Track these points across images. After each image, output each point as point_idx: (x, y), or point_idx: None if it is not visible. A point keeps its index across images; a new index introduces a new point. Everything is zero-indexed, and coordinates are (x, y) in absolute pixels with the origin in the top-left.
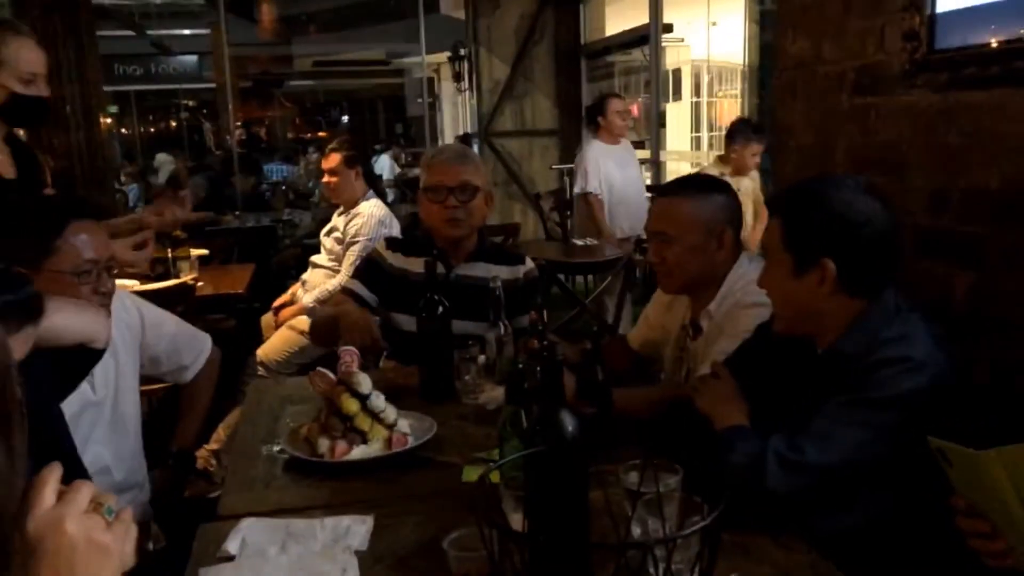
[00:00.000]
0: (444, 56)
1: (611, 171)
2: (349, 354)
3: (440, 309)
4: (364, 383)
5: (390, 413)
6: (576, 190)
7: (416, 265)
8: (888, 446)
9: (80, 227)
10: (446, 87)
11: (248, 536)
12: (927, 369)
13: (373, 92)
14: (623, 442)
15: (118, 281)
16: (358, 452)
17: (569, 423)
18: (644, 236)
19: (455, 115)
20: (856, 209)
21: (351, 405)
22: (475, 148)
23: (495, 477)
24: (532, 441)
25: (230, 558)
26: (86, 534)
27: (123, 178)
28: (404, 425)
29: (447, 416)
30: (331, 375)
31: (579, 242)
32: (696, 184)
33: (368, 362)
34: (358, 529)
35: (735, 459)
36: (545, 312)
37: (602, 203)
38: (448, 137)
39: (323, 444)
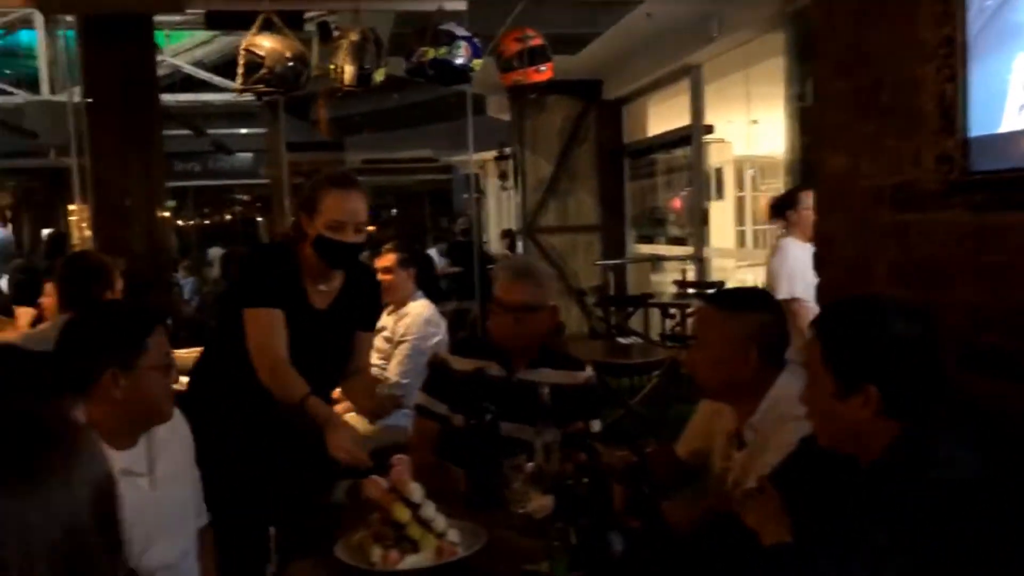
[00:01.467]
0: (488, 155)
1: (810, 273)
2: (400, 462)
3: (488, 416)
4: (416, 492)
5: (440, 522)
6: (780, 296)
7: (476, 365)
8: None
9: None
10: (491, 183)
11: None
12: (971, 487)
13: (419, 187)
14: (670, 557)
15: None
16: (409, 561)
17: (616, 543)
18: None
19: (499, 209)
20: (899, 334)
21: (403, 514)
22: (519, 244)
23: None
24: (579, 559)
25: None
26: None
27: (180, 271)
28: (454, 535)
29: (495, 525)
30: (383, 483)
31: (624, 341)
32: (732, 299)
33: None
34: None
35: None
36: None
37: (808, 311)
38: (492, 231)
39: (375, 553)
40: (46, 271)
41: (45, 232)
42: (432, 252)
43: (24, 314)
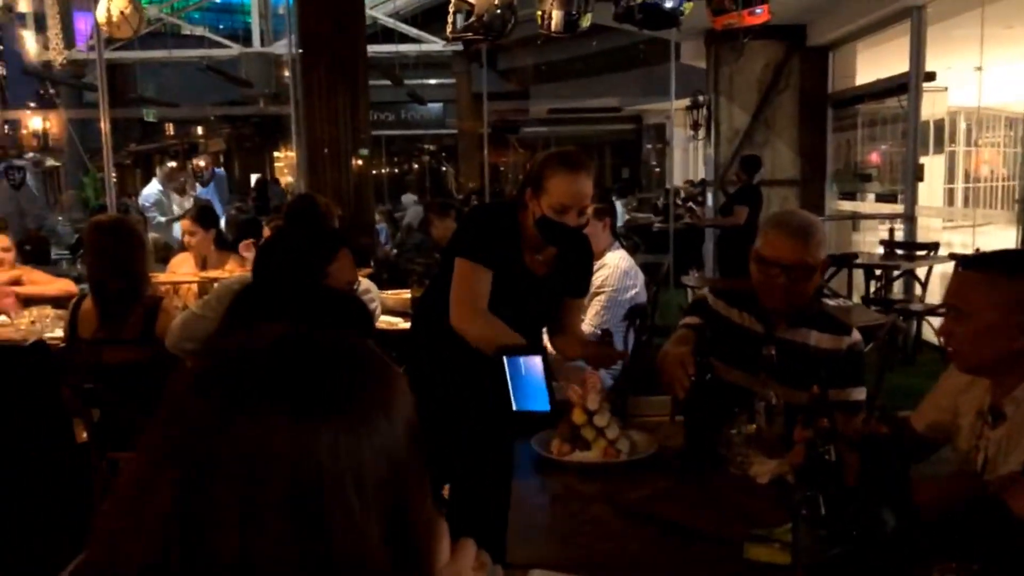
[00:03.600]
0: (678, 103)
1: None
2: (592, 376)
3: (708, 375)
4: (593, 401)
5: (613, 430)
6: None
7: (741, 319)
8: None
9: (344, 254)
10: (678, 134)
11: None
12: None
13: (601, 138)
14: (922, 541)
15: None
16: (577, 456)
17: (890, 520)
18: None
19: (685, 162)
20: None
21: (580, 417)
22: (709, 195)
23: (782, 559)
24: (840, 531)
25: None
26: None
27: (377, 217)
28: (623, 444)
29: (719, 485)
30: (578, 389)
31: (831, 302)
32: (1007, 261)
33: None
34: None
35: None
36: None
37: None
38: (678, 183)
39: (554, 444)
40: (260, 212)
41: (254, 177)
42: (618, 205)
43: (247, 250)
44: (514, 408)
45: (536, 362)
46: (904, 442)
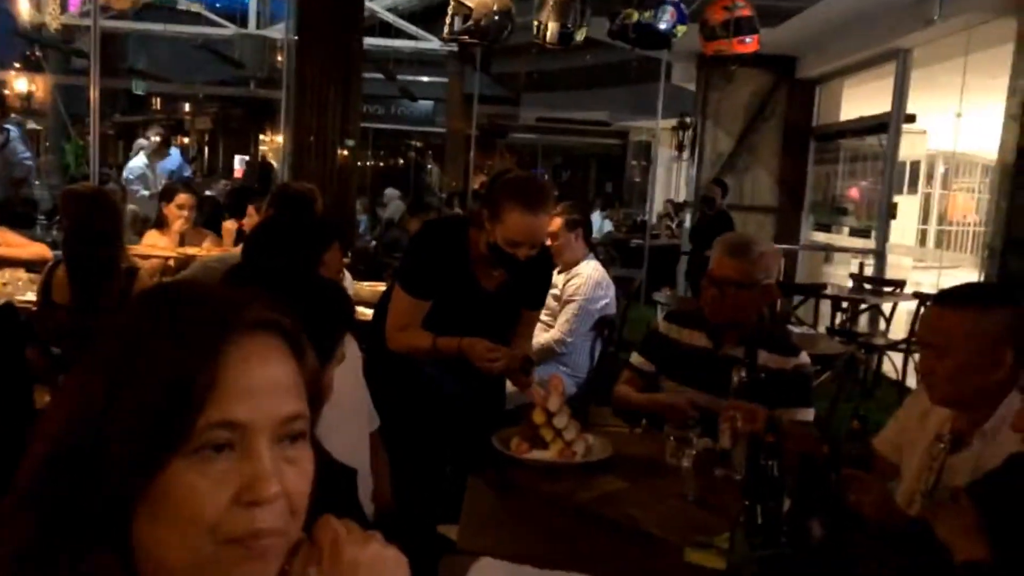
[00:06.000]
0: (664, 123)
1: None
2: (556, 378)
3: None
4: (554, 403)
5: (571, 432)
6: None
7: (692, 338)
8: None
9: (336, 245)
10: (662, 152)
11: (486, 575)
12: None
13: (588, 151)
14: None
15: None
16: (534, 455)
17: (816, 530)
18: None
19: (667, 181)
20: None
21: (539, 417)
22: (687, 216)
23: (719, 564)
24: (767, 540)
25: None
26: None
27: (358, 208)
28: (580, 446)
29: (669, 494)
30: (541, 391)
31: (796, 330)
32: (976, 295)
33: None
34: None
35: None
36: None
37: None
38: (658, 201)
39: (513, 442)
40: (254, 193)
41: (238, 158)
42: (597, 217)
43: (229, 230)
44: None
45: None
46: (839, 459)
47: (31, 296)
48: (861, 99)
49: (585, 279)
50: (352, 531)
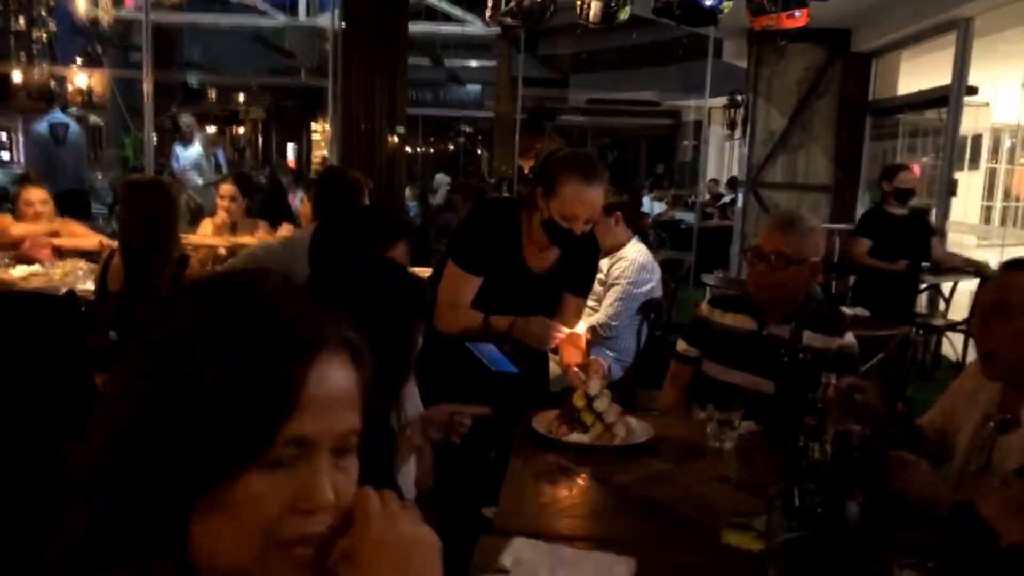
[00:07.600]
0: (715, 101)
1: None
2: (597, 363)
3: None
4: (594, 386)
5: (611, 416)
6: None
7: (735, 320)
8: None
9: (403, 243)
10: (714, 132)
11: (521, 554)
12: None
13: (638, 132)
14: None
15: None
16: (573, 438)
17: (853, 514)
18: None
19: (719, 161)
20: None
21: (579, 401)
22: (739, 196)
23: (755, 546)
24: (807, 522)
25: (505, 571)
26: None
27: (408, 194)
28: (620, 429)
29: (710, 476)
30: (582, 375)
31: (849, 311)
32: None
33: None
34: (619, 569)
35: None
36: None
37: None
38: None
39: (554, 425)
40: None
41: (291, 146)
42: (646, 199)
43: (286, 227)
44: (492, 370)
45: (490, 345)
46: (879, 440)
47: (90, 285)
48: (920, 72)
49: (630, 262)
50: (387, 505)
